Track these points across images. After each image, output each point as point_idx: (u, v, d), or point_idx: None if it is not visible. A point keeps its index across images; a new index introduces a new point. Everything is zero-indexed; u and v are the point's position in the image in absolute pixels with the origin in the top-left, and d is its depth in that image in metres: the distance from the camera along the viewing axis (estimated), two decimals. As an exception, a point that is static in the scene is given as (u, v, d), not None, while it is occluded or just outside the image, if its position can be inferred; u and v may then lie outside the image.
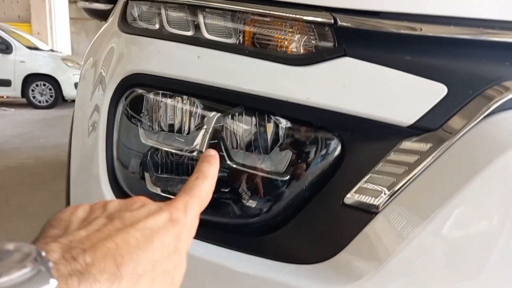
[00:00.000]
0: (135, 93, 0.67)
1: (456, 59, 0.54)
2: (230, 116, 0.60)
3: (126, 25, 0.79)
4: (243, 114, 0.59)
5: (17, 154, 3.92)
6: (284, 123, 0.57)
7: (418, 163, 0.49)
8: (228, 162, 0.60)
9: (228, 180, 0.61)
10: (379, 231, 0.49)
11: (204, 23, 0.66)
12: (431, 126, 0.51)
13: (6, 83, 7.44)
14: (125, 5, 0.82)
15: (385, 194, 0.50)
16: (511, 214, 0.46)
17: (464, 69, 0.53)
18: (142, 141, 0.65)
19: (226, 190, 0.61)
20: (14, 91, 7.55)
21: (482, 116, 0.49)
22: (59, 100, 7.73)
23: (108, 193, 0.66)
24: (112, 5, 1.87)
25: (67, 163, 0.88)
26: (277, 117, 0.57)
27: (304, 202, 0.56)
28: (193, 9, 0.68)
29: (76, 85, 7.71)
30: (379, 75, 0.53)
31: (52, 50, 8.75)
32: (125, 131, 0.68)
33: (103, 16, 1.91)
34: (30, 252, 0.24)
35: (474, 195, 0.47)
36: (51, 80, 7.59)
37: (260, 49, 0.59)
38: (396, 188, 0.49)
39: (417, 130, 0.51)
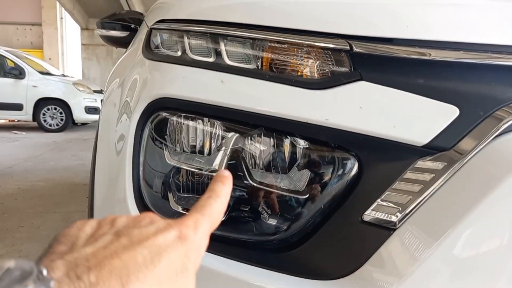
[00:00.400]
0: (160, 117, 0.71)
1: (466, 82, 0.57)
2: (251, 137, 0.63)
3: (150, 52, 0.83)
4: (262, 136, 0.63)
5: (28, 177, 3.97)
6: (302, 144, 0.60)
7: (433, 181, 0.52)
8: (249, 181, 0.63)
9: (248, 199, 0.63)
10: (397, 247, 0.52)
11: (225, 50, 0.70)
12: (445, 146, 0.54)
13: (18, 107, 7.61)
14: (149, 33, 0.87)
15: (402, 211, 0.52)
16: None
17: (474, 92, 0.56)
18: (166, 161, 0.68)
19: (247, 208, 0.64)
20: (25, 115, 7.70)
21: (493, 136, 0.52)
22: (69, 123, 7.86)
23: (134, 211, 0.69)
24: (127, 33, 1.94)
25: (90, 183, 0.91)
26: (296, 138, 0.60)
27: (323, 219, 0.58)
28: (215, 37, 0.72)
29: (86, 109, 7.87)
30: (394, 98, 0.56)
31: (63, 75, 8.96)
32: (150, 152, 0.72)
33: (118, 43, 1.99)
34: (31, 270, 0.23)
35: (487, 212, 0.49)
36: (62, 104, 7.75)
37: (281, 74, 0.63)
38: (413, 206, 0.52)
39: (431, 149, 0.54)
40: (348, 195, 0.57)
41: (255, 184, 0.62)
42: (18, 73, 7.60)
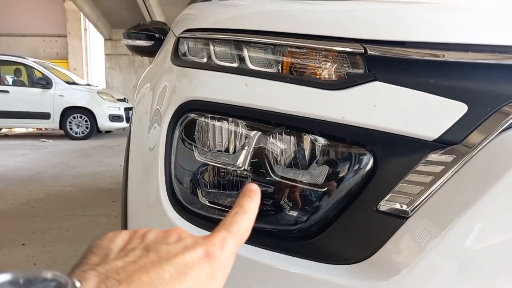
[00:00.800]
0: (188, 118, 0.77)
1: (474, 81, 0.61)
2: (273, 135, 0.68)
3: (178, 59, 0.90)
4: (283, 134, 0.68)
5: (56, 182, 4.13)
6: (321, 141, 0.65)
7: (444, 172, 0.56)
8: (272, 177, 0.68)
9: (272, 193, 0.68)
10: (410, 234, 0.56)
11: (248, 55, 0.76)
12: (454, 140, 0.58)
13: (46, 116, 7.90)
14: (177, 42, 0.94)
15: (414, 200, 0.56)
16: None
17: (482, 89, 0.60)
18: (195, 159, 0.74)
19: (270, 201, 0.69)
20: (53, 124, 7.98)
21: (500, 130, 0.56)
22: (94, 131, 8.10)
23: (168, 207, 0.75)
24: (152, 42, 2.03)
25: (123, 187, 0.97)
26: (315, 136, 0.65)
27: (342, 210, 0.63)
28: (238, 44, 0.78)
29: (110, 117, 8.09)
30: (405, 96, 0.60)
31: (88, 84, 9.24)
32: (181, 152, 0.78)
33: (143, 51, 2.08)
34: (66, 283, 0.25)
35: (493, 201, 0.53)
36: (87, 113, 8.00)
37: (300, 76, 0.68)
38: (424, 196, 0.56)
39: (441, 143, 0.58)
40: (364, 187, 0.62)
41: (277, 179, 0.67)
42: (45, 83, 7.89)
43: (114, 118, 8.15)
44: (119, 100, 8.63)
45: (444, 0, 0.88)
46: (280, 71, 0.72)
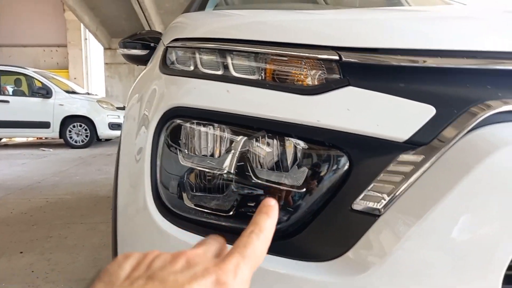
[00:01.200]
0: (174, 124, 0.80)
1: (442, 85, 0.64)
2: (254, 139, 0.71)
3: (166, 67, 0.93)
4: (266, 137, 0.71)
5: (56, 191, 4.16)
6: (300, 144, 0.68)
7: (413, 172, 0.59)
8: (253, 179, 0.71)
9: (255, 195, 0.71)
10: (381, 231, 0.58)
11: (232, 63, 0.79)
12: (423, 141, 0.60)
13: (45, 125, 7.94)
14: (165, 51, 0.97)
15: (386, 199, 0.59)
16: (494, 210, 0.55)
17: (449, 93, 0.63)
18: (181, 163, 0.77)
19: (253, 204, 0.72)
20: (52, 133, 8.02)
21: (467, 130, 0.59)
22: (94, 139, 8.14)
23: (153, 209, 0.77)
24: (147, 51, 2.07)
25: (114, 194, 1.00)
26: (293, 139, 0.68)
27: (319, 209, 0.66)
28: (222, 53, 0.81)
29: (110, 125, 8.13)
30: (377, 100, 0.63)
31: (88, 93, 9.30)
32: (166, 157, 0.81)
33: (139, 61, 2.12)
34: None
35: (461, 198, 0.56)
36: (87, 121, 8.04)
37: (278, 82, 0.72)
38: (395, 194, 0.59)
39: (411, 144, 0.61)
40: (340, 188, 0.65)
41: (259, 182, 0.70)
42: (45, 93, 7.95)
43: (113, 126, 8.19)
44: (118, 108, 8.68)
45: (431, 8, 0.92)
46: (262, 78, 0.76)
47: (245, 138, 0.71)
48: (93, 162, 6.14)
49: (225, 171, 0.74)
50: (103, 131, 8.13)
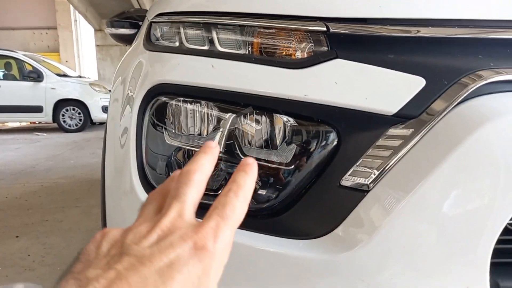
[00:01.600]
0: (159, 102, 0.77)
1: (433, 55, 0.62)
2: (241, 116, 0.69)
3: (151, 44, 0.90)
4: (254, 114, 0.68)
5: (50, 175, 4.14)
6: (287, 120, 0.66)
7: (402, 146, 0.57)
8: (241, 157, 0.69)
9: None
10: (370, 207, 0.57)
11: (217, 38, 0.76)
12: (413, 114, 0.59)
13: (38, 109, 7.85)
14: (149, 27, 0.94)
15: (374, 174, 0.58)
16: (484, 184, 0.53)
17: (440, 63, 0.60)
18: (167, 142, 0.75)
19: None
20: (46, 117, 7.94)
21: (458, 101, 0.57)
22: (87, 123, 8.07)
23: (140, 190, 0.75)
24: (135, 30, 2.02)
25: (101, 178, 0.98)
26: (281, 115, 0.66)
27: (307, 186, 0.64)
28: (207, 27, 0.78)
29: (103, 108, 8.05)
30: (366, 73, 0.61)
31: (80, 76, 9.18)
32: (152, 137, 0.78)
33: (127, 40, 2.07)
34: None
35: (451, 169, 0.54)
36: (80, 105, 7.96)
37: (264, 56, 0.69)
38: (384, 169, 0.57)
39: (401, 118, 0.59)
40: (328, 164, 0.63)
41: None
42: (36, 76, 7.83)
43: (107, 109, 8.09)
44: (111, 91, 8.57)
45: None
46: (249, 52, 0.73)
47: (233, 115, 0.69)
48: (87, 146, 6.10)
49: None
50: (97, 114, 8.05)
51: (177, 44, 0.84)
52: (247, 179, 0.33)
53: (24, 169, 4.44)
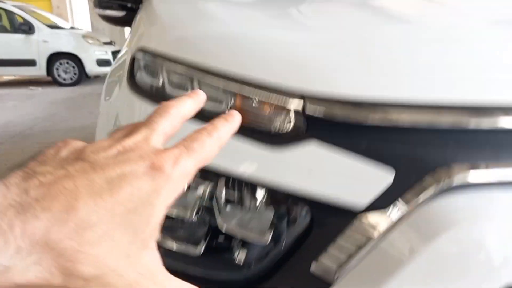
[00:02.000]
0: None
1: (405, 143, 0.62)
2: (220, 187, 0.70)
3: (134, 84, 0.89)
4: (229, 188, 0.69)
5: (48, 138, 4.17)
6: (263, 197, 0.67)
7: (371, 237, 0.60)
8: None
9: (221, 247, 0.72)
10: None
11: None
12: (382, 206, 0.61)
13: (31, 63, 7.70)
14: (132, 61, 0.92)
15: (341, 265, 0.61)
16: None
17: (412, 153, 0.61)
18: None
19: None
20: (39, 70, 7.81)
21: (426, 197, 0.59)
22: (83, 77, 7.96)
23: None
24: (124, 12, 1.94)
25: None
26: (255, 192, 0.68)
27: (274, 269, 0.67)
28: (190, 76, 0.77)
29: (98, 61, 7.88)
30: (338, 161, 0.62)
31: (72, 28, 8.89)
32: None
33: (117, 22, 2.00)
34: None
35: (418, 268, 0.57)
36: (74, 58, 7.80)
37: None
38: (351, 259, 0.60)
39: (371, 209, 0.61)
40: (300, 247, 0.66)
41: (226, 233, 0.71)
42: (28, 29, 7.59)
43: (101, 62, 7.94)
44: (105, 43, 8.35)
45: None
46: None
47: (211, 183, 0.71)
48: (84, 104, 6.07)
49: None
50: (91, 68, 7.91)
51: (160, 84, 0.84)
52: (226, 125, 0.32)
53: (22, 131, 4.46)
